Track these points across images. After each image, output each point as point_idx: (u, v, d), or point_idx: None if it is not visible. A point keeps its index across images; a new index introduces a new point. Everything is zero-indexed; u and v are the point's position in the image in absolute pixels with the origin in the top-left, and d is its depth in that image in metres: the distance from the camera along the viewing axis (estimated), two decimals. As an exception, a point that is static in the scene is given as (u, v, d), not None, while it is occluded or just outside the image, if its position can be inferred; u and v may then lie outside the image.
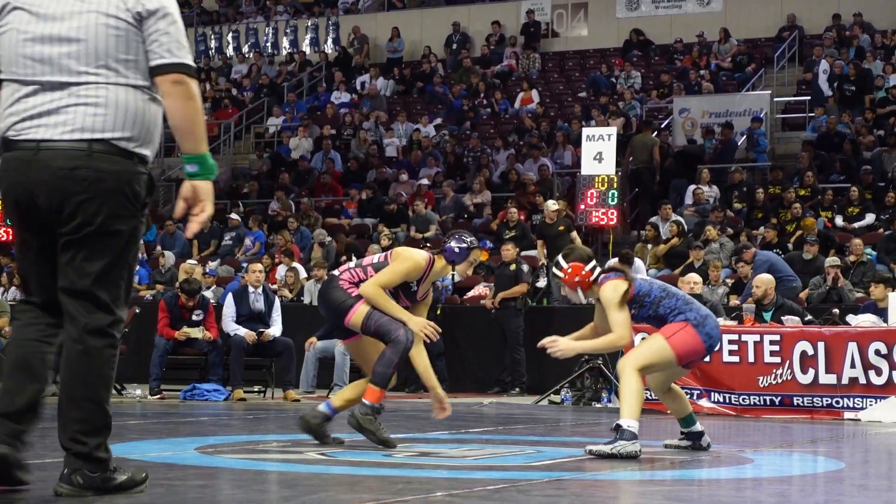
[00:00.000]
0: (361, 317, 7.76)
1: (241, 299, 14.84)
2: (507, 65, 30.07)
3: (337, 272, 8.11)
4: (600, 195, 14.62)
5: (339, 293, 7.86)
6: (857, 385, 12.53)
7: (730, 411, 12.95)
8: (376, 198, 23.62)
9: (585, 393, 14.45)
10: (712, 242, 18.48)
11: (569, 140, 24.28)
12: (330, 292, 7.92)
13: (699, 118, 24.68)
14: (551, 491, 5.84)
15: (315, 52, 33.70)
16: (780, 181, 21.14)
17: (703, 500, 5.73)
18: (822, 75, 24.83)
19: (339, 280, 7.95)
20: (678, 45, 28.71)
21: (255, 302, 14.82)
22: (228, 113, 30.58)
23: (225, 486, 5.83)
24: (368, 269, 7.91)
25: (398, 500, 5.21)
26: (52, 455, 5.65)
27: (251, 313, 14.78)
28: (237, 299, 14.86)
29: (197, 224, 5.05)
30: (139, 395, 14.64)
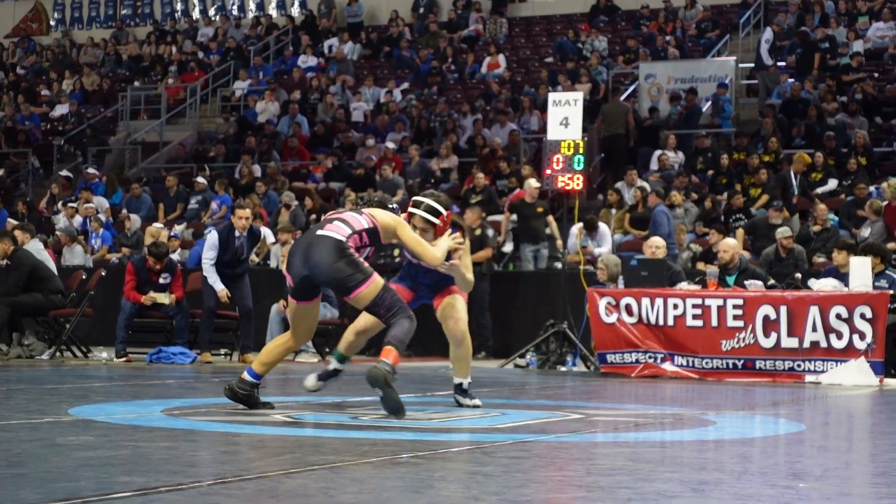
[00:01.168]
0: (374, 293, 7.43)
1: (226, 241, 14.40)
2: (474, 30, 30.01)
3: (337, 235, 7.52)
4: (566, 160, 14.61)
5: (349, 265, 7.42)
6: (818, 349, 12.67)
7: (693, 374, 13.07)
8: (343, 163, 23.59)
9: (550, 357, 14.54)
10: (677, 207, 18.57)
11: (535, 105, 24.29)
12: (338, 260, 7.42)
13: (665, 84, 24.73)
14: (516, 453, 5.90)
15: (282, 16, 33.55)
16: (745, 147, 21.25)
17: (665, 462, 5.80)
18: (763, 44, 24.89)
19: (348, 247, 7.51)
20: (645, 10, 28.72)
21: (240, 247, 14.45)
22: (194, 76, 30.42)
23: (191, 448, 5.86)
24: (363, 235, 7.63)
25: (363, 462, 5.25)
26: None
27: (233, 258, 14.45)
28: (222, 241, 14.40)
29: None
30: (105, 358, 14.62)
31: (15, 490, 4.24)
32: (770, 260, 16.18)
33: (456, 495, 4.40)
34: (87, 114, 29.90)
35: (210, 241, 14.61)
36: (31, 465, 4.93)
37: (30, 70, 34.23)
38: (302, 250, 7.58)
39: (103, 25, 36.03)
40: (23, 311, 14.70)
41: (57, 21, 36.69)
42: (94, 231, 20.92)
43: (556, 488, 4.83)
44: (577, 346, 14.37)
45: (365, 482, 4.72)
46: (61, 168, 26.75)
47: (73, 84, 31.72)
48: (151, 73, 31.96)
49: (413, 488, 4.58)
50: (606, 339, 13.58)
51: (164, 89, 29.78)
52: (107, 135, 29.37)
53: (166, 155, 27.53)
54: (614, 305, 13.54)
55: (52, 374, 11.83)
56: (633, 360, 13.41)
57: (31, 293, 14.61)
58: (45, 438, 5.95)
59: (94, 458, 5.18)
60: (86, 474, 4.67)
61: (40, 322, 15.17)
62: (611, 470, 5.27)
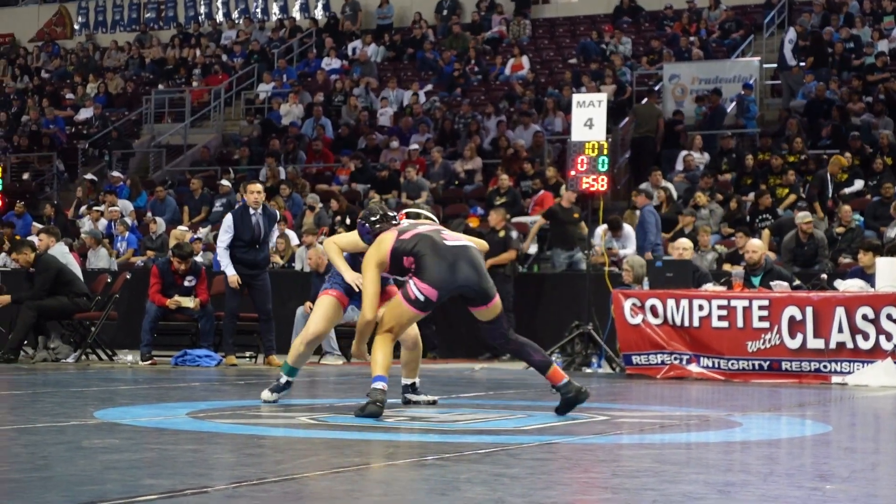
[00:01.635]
0: (500, 305, 7.74)
1: (241, 221, 14.22)
2: (498, 31, 29.99)
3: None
4: (590, 161, 14.58)
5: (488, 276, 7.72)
6: (844, 350, 12.60)
7: (719, 376, 13.01)
8: (366, 165, 23.59)
9: (576, 358, 14.50)
10: (702, 209, 18.51)
11: (559, 106, 24.26)
12: (485, 269, 7.71)
13: (689, 84, 24.68)
14: (541, 455, 5.89)
15: (305, 18, 33.60)
16: (769, 147, 21.17)
17: (691, 463, 5.77)
18: (787, 45, 24.77)
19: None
20: (668, 11, 28.66)
21: (256, 225, 14.20)
22: (218, 79, 30.49)
23: (216, 451, 5.87)
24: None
25: (389, 465, 5.25)
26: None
27: (252, 237, 14.21)
28: (237, 221, 14.22)
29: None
30: (130, 361, 14.66)
31: (41, 493, 4.25)
32: (791, 247, 16.16)
33: (481, 497, 4.39)
34: (112, 117, 30.00)
35: (224, 224, 14.41)
36: (57, 467, 4.94)
37: (54, 74, 34.37)
38: (467, 260, 7.55)
39: (127, 29, 36.15)
40: (48, 315, 14.77)
41: (81, 25, 36.83)
42: (119, 234, 20.98)
43: (582, 490, 4.81)
44: (602, 348, 14.33)
45: (391, 484, 4.72)
46: (86, 171, 26.84)
47: (98, 87, 31.83)
48: (175, 76, 32.06)
49: (439, 490, 4.58)
50: (631, 341, 13.54)
51: (188, 92, 29.86)
52: (131, 138, 29.47)
53: (190, 158, 27.60)
54: (639, 307, 13.49)
55: (78, 378, 11.87)
56: (658, 361, 13.37)
57: (56, 297, 14.67)
58: (70, 441, 5.97)
59: (119, 460, 5.19)
60: (111, 477, 4.68)
61: (66, 325, 15.23)
62: (636, 472, 5.25)
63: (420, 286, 7.45)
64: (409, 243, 7.57)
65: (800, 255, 16.20)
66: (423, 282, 7.44)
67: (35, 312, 14.46)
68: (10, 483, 4.49)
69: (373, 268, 7.59)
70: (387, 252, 7.59)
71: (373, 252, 7.64)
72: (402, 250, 7.56)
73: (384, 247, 7.62)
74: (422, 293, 7.45)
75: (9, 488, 4.38)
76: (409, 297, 7.49)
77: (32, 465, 5.01)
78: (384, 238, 7.68)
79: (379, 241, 7.69)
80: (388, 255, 7.59)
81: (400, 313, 7.56)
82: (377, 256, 7.60)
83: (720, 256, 16.78)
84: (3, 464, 5.14)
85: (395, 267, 7.63)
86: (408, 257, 7.54)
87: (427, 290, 7.44)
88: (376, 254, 7.62)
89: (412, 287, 7.48)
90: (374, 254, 7.62)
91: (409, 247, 7.55)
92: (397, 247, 7.58)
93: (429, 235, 7.62)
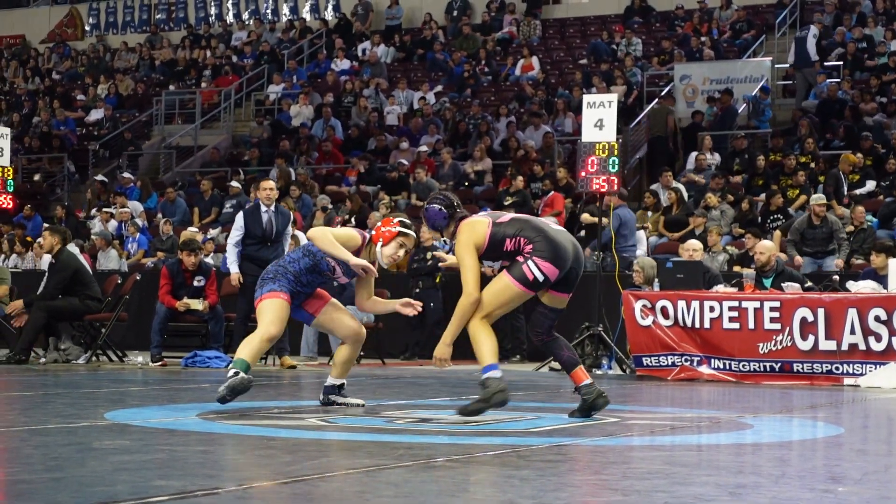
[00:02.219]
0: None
1: (252, 218, 14.28)
2: (508, 32, 29.98)
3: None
4: (601, 162, 14.57)
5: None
6: (856, 351, 12.56)
7: (730, 378, 12.99)
8: (374, 166, 23.58)
9: (586, 360, 14.46)
10: (713, 209, 18.48)
11: (569, 107, 24.25)
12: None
13: (700, 85, 24.65)
14: (551, 456, 5.87)
15: (315, 19, 33.63)
16: (781, 148, 21.13)
17: (702, 465, 5.76)
18: (811, 39, 24.68)
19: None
20: (679, 11, 28.63)
21: (268, 223, 14.28)
22: (229, 80, 30.53)
23: (227, 452, 5.86)
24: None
25: (399, 466, 5.23)
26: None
27: (263, 235, 14.24)
28: (248, 218, 14.27)
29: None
30: (141, 362, 14.68)
31: (52, 494, 4.25)
32: (801, 229, 16.13)
33: (491, 499, 4.38)
34: (122, 118, 30.05)
35: (236, 222, 14.45)
36: (67, 469, 4.94)
37: (65, 75, 34.44)
38: (573, 243, 7.64)
39: (138, 30, 36.22)
40: (59, 316, 14.77)
41: (92, 26, 36.91)
42: (130, 235, 21.01)
43: (592, 492, 4.80)
44: (612, 349, 14.31)
45: (400, 486, 4.71)
46: (96, 173, 26.89)
47: (108, 89, 31.88)
48: (186, 77, 32.11)
49: (448, 492, 4.56)
50: (642, 342, 13.52)
51: (198, 93, 29.90)
52: (141, 139, 29.51)
53: (201, 159, 27.63)
54: (650, 308, 13.47)
55: (89, 379, 11.88)
56: (669, 363, 13.34)
57: (67, 297, 14.67)
58: (81, 442, 5.97)
59: (130, 461, 5.19)
60: (122, 478, 4.68)
61: (76, 326, 15.24)
62: (647, 474, 5.23)
63: (542, 265, 7.43)
64: (511, 227, 7.56)
65: (810, 237, 16.19)
66: (546, 260, 7.44)
67: (45, 314, 14.47)
68: (21, 484, 4.49)
69: (472, 251, 7.54)
70: (485, 235, 7.54)
71: (467, 236, 7.55)
72: (504, 234, 7.53)
73: (480, 230, 7.56)
74: (542, 272, 7.44)
75: (20, 489, 4.38)
76: (524, 278, 7.44)
77: (44, 465, 5.01)
78: (476, 222, 7.63)
79: (471, 225, 7.62)
80: (487, 239, 7.55)
81: (508, 297, 7.54)
82: (474, 240, 7.55)
83: (731, 258, 16.75)
84: (14, 465, 5.14)
85: (493, 251, 7.61)
86: (511, 240, 7.51)
87: (549, 269, 7.44)
88: (472, 237, 7.55)
89: (531, 267, 7.43)
90: (470, 237, 7.55)
91: (511, 231, 7.53)
92: (496, 231, 7.55)
93: (529, 219, 7.69)
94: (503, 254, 7.60)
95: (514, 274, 7.47)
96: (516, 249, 7.51)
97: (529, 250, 7.46)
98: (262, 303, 8.06)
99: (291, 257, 8.20)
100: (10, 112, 31.54)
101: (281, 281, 8.10)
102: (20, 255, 20.63)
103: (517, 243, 7.50)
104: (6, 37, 37.79)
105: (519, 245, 7.49)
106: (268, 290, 8.08)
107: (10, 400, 9.24)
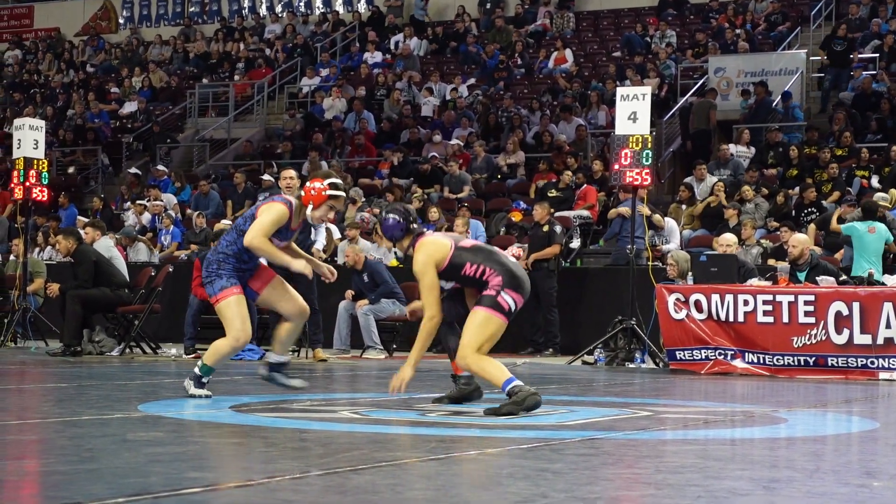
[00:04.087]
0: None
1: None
2: (541, 24, 29.92)
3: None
4: (634, 155, 14.52)
5: None
6: (892, 345, 12.48)
7: (764, 371, 12.93)
8: (407, 159, 23.56)
9: (619, 353, 14.45)
10: (747, 203, 18.40)
11: (602, 100, 24.18)
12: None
13: (735, 77, 24.52)
14: (584, 450, 5.86)
15: (348, 12, 33.66)
16: (816, 141, 20.99)
17: (736, 459, 5.73)
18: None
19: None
20: (714, 3, 28.50)
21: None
22: (262, 73, 30.58)
23: (260, 445, 5.87)
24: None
25: (431, 459, 5.23)
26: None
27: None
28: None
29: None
30: (174, 355, 14.73)
31: (87, 485, 4.27)
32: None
33: (524, 492, 4.37)
34: (156, 111, 30.17)
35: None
36: (102, 460, 4.96)
37: (99, 68, 34.59)
38: (527, 277, 7.76)
39: (171, 23, 36.34)
40: (92, 306, 14.81)
41: (126, 19, 37.05)
42: (164, 228, 21.09)
43: (625, 486, 4.78)
44: (645, 343, 14.28)
45: (433, 478, 4.71)
46: (130, 165, 27.00)
47: (142, 81, 32.00)
48: (219, 70, 32.18)
49: (481, 485, 4.56)
50: (675, 336, 13.47)
51: (231, 86, 29.97)
52: (175, 132, 29.61)
53: (234, 152, 27.70)
54: (683, 302, 13.42)
55: (122, 371, 11.93)
56: (702, 356, 13.29)
57: (99, 287, 14.73)
58: (115, 434, 5.99)
59: (163, 453, 5.21)
60: (156, 470, 4.69)
61: (110, 318, 15.31)
62: (680, 468, 5.21)
63: (513, 295, 7.50)
64: (474, 255, 7.61)
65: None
66: (514, 290, 7.50)
67: (79, 303, 14.52)
68: (56, 475, 4.52)
69: (433, 269, 7.57)
70: (446, 257, 7.58)
71: (428, 254, 7.59)
72: (465, 259, 7.57)
73: (442, 251, 7.60)
74: (514, 301, 7.51)
75: (56, 480, 4.41)
76: (500, 308, 7.49)
77: (78, 457, 5.04)
78: (438, 242, 7.68)
79: (433, 244, 7.65)
80: (447, 261, 7.58)
81: (492, 329, 7.53)
82: (436, 258, 7.58)
83: (765, 251, 16.67)
84: (49, 456, 5.16)
85: (449, 273, 7.63)
86: (473, 266, 7.55)
87: (518, 298, 7.53)
88: (433, 256, 7.58)
89: (504, 297, 7.49)
90: (431, 256, 7.58)
91: (474, 258, 7.58)
92: (458, 254, 7.59)
93: (492, 250, 7.75)
94: (460, 277, 7.66)
95: (489, 305, 7.51)
96: (476, 278, 7.56)
97: (498, 283, 7.50)
98: (221, 305, 8.17)
99: (227, 240, 8.30)
100: (45, 105, 31.69)
101: (227, 269, 8.21)
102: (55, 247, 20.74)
103: (479, 271, 7.55)
104: (41, 29, 37.98)
105: (481, 274, 7.54)
106: (219, 288, 8.18)
107: (44, 391, 9.30)
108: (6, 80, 34.82)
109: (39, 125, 17.70)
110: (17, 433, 6.07)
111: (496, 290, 7.48)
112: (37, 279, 17.24)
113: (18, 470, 4.73)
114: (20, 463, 4.97)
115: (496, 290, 7.48)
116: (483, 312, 7.50)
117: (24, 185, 16.94)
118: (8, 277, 17.51)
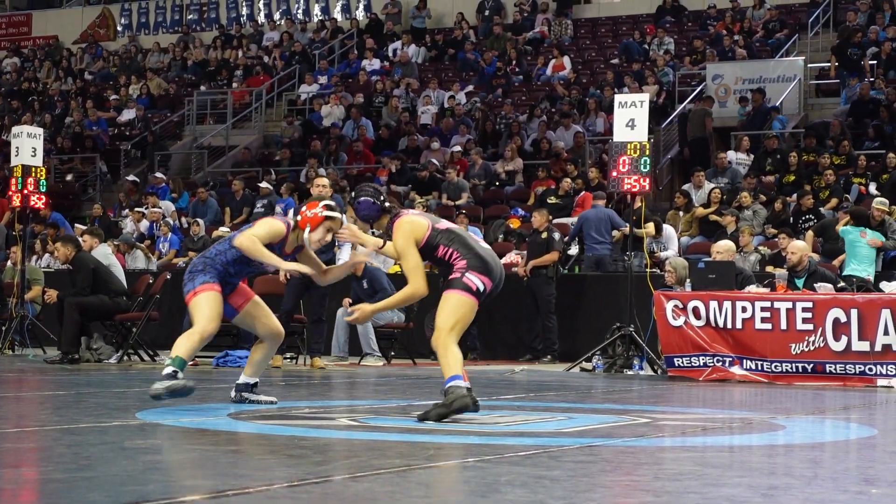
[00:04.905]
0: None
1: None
2: (539, 31, 29.95)
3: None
4: (632, 162, 14.53)
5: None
6: (890, 352, 12.48)
7: (762, 378, 12.93)
8: (405, 166, 23.57)
9: (617, 360, 14.45)
10: (745, 209, 18.40)
11: (601, 107, 24.20)
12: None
13: (732, 85, 24.54)
14: (583, 457, 5.86)
15: (346, 20, 33.67)
16: (814, 148, 21.00)
17: (734, 466, 5.73)
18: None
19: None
20: (711, 10, 28.54)
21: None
22: (260, 80, 30.61)
23: (257, 452, 5.87)
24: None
25: (429, 466, 5.23)
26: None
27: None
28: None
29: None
30: (172, 362, 14.68)
31: (84, 493, 4.27)
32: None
33: (522, 499, 4.37)
34: (154, 118, 30.17)
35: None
36: (99, 468, 4.95)
37: (97, 75, 34.61)
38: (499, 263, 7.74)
39: (169, 30, 36.36)
40: (90, 314, 14.79)
41: (124, 27, 37.07)
42: (161, 235, 21.08)
43: (624, 493, 4.78)
44: (643, 350, 14.28)
45: (431, 486, 4.71)
46: (128, 173, 27.00)
47: (140, 89, 32.01)
48: (217, 77, 32.20)
49: (479, 492, 4.56)
50: (673, 343, 13.47)
51: (230, 94, 29.98)
52: (173, 139, 29.61)
53: (232, 159, 27.71)
54: (681, 308, 13.42)
55: (120, 378, 11.93)
56: (700, 363, 13.29)
57: (97, 294, 14.72)
58: (113, 442, 5.99)
59: (161, 461, 5.21)
60: (154, 477, 4.69)
61: (108, 326, 15.30)
62: (678, 475, 5.21)
63: (480, 277, 7.49)
64: (445, 237, 7.61)
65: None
66: (481, 273, 7.50)
67: (77, 311, 14.51)
68: (54, 483, 4.51)
69: (414, 248, 7.59)
70: (424, 235, 7.59)
71: (407, 233, 7.58)
72: (439, 241, 7.59)
73: (421, 229, 7.60)
74: (482, 283, 7.49)
75: (53, 488, 4.41)
76: (469, 289, 7.48)
77: (76, 465, 5.03)
78: (416, 221, 7.67)
79: (412, 223, 7.63)
80: (425, 240, 7.59)
81: (465, 309, 7.52)
82: (414, 236, 7.59)
83: (763, 258, 16.68)
84: (47, 464, 5.16)
85: (424, 252, 7.64)
86: (444, 248, 7.57)
87: (486, 281, 7.50)
88: (413, 234, 7.59)
89: (471, 278, 7.49)
90: (411, 234, 7.58)
91: (445, 240, 7.60)
92: (434, 234, 7.60)
93: (462, 234, 7.73)
94: (433, 258, 7.68)
95: (459, 287, 7.50)
96: (445, 260, 7.59)
97: (463, 265, 7.52)
98: (197, 297, 8.21)
99: (217, 249, 8.30)
100: (43, 112, 31.70)
101: (210, 272, 8.21)
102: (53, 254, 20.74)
103: (448, 254, 7.58)
104: (39, 37, 38.01)
105: (450, 257, 7.58)
106: (200, 282, 8.22)
107: (42, 399, 9.29)
108: (4, 88, 34.83)
109: (37, 133, 17.70)
110: (15, 441, 6.07)
111: (461, 272, 7.51)
112: (35, 287, 17.24)
113: (16, 478, 4.72)
114: (18, 471, 4.96)
115: (461, 272, 7.51)
116: (455, 294, 7.50)
117: (21, 193, 16.93)
118: (6, 285, 17.50)
